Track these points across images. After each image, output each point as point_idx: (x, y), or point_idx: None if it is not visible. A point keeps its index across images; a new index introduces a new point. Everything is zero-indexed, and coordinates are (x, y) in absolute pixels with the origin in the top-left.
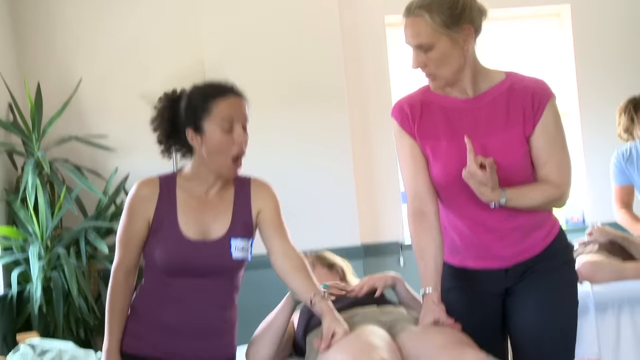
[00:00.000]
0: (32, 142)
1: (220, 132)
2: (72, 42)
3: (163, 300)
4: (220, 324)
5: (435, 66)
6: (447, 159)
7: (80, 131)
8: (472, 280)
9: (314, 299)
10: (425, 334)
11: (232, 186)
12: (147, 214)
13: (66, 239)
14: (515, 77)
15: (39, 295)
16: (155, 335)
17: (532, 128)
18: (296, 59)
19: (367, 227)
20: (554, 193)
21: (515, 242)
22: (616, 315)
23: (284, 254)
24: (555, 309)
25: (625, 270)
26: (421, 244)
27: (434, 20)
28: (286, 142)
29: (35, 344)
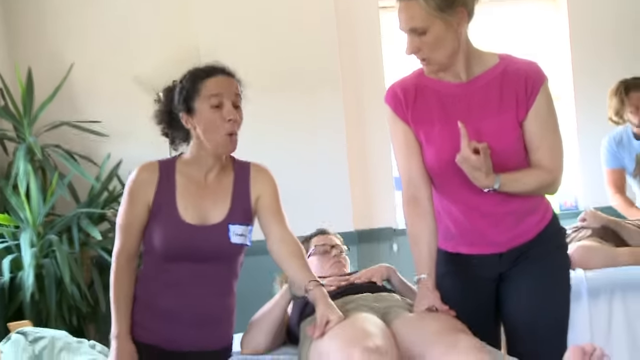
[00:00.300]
0: (23, 127)
1: (210, 110)
2: (63, 26)
3: (162, 286)
4: (218, 311)
5: (429, 50)
6: (440, 143)
7: (72, 116)
8: (466, 266)
9: (309, 286)
10: (420, 321)
11: (232, 171)
12: (147, 198)
13: (58, 226)
14: (509, 60)
15: (31, 282)
16: (154, 321)
17: (526, 112)
18: (291, 43)
19: (361, 212)
20: (547, 178)
21: (509, 228)
22: (608, 301)
23: (281, 239)
24: (549, 294)
25: (617, 255)
26: (415, 230)
27: (428, 4)
28: (280, 127)
29: (27, 332)
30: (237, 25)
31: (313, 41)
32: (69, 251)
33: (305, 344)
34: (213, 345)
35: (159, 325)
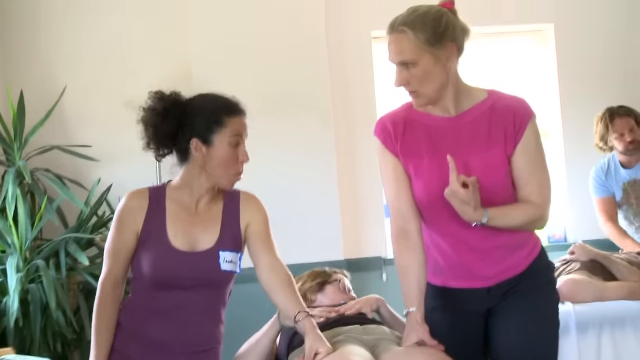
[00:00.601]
0: (13, 151)
1: (229, 147)
2: (56, 49)
3: (150, 314)
4: (207, 340)
5: (417, 83)
6: (429, 177)
7: (63, 140)
8: (454, 300)
9: (298, 317)
10: (408, 355)
11: (222, 198)
12: (136, 225)
13: (46, 251)
14: (497, 96)
15: (16, 308)
16: (139, 351)
17: (513, 148)
18: (282, 70)
19: (351, 241)
20: (535, 213)
21: (497, 262)
22: (597, 336)
23: (270, 267)
24: (537, 330)
25: (606, 290)
26: (404, 262)
27: (418, 37)
28: (270, 155)
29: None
30: (229, 51)
31: (305, 70)
32: (56, 276)
33: None
34: None
35: (145, 355)
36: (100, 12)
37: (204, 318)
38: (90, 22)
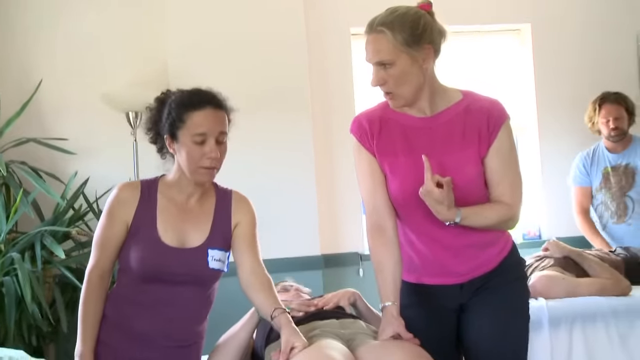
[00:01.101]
0: None
1: (193, 145)
2: (32, 42)
3: (137, 308)
4: (191, 336)
5: (394, 84)
6: (404, 175)
7: (39, 133)
8: (428, 296)
9: (274, 313)
10: (384, 349)
11: (214, 196)
12: (127, 217)
13: (21, 244)
14: (472, 97)
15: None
16: (123, 342)
17: (487, 149)
18: (261, 67)
19: (328, 237)
20: (507, 213)
21: (469, 259)
22: (569, 331)
23: (252, 270)
24: (508, 324)
25: (578, 286)
26: (380, 258)
27: (396, 38)
28: (248, 152)
29: None
30: (207, 47)
31: (284, 67)
32: (31, 269)
33: None
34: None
35: (128, 346)
36: (78, 5)
37: (189, 314)
38: (68, 16)
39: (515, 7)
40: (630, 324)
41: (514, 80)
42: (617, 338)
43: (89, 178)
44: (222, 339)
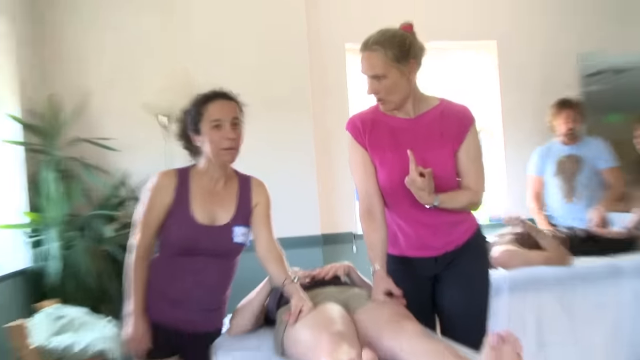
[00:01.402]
0: (50, 143)
1: (212, 130)
2: (84, 61)
3: (172, 275)
4: (218, 298)
5: (386, 93)
6: (391, 167)
7: (90, 134)
8: (410, 267)
9: (285, 282)
10: (375, 309)
11: (237, 182)
12: (166, 200)
13: (77, 225)
14: (447, 103)
15: (56, 270)
16: (163, 305)
17: (459, 146)
18: (270, 75)
19: (326, 220)
20: (474, 198)
21: (444, 235)
22: (523, 295)
23: (267, 245)
24: (473, 291)
25: (532, 258)
26: (370, 237)
27: (387, 55)
28: (261, 147)
29: (53, 311)
30: (225, 61)
31: (290, 77)
32: (86, 245)
33: (281, 327)
34: (208, 327)
35: (166, 308)
36: (120, 28)
37: (215, 283)
38: (112, 37)
39: (484, 26)
40: (570, 289)
41: (483, 89)
42: (560, 300)
43: (130, 170)
44: (241, 303)
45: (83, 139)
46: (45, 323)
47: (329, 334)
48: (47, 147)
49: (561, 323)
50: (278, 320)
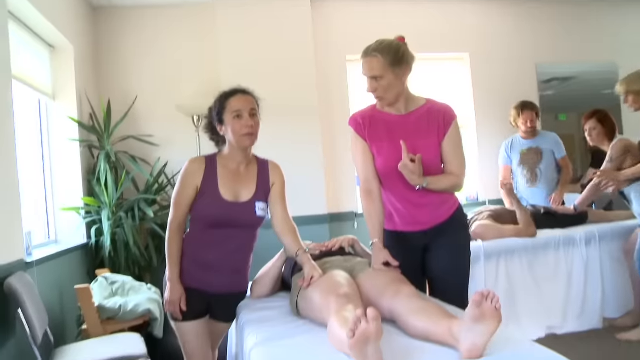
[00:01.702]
0: (104, 139)
1: (233, 120)
2: (131, 72)
3: (204, 245)
4: (242, 264)
5: (382, 91)
6: (387, 156)
7: (135, 132)
8: (403, 240)
9: (298, 252)
10: (376, 275)
11: (256, 165)
12: (196, 182)
13: (125, 207)
14: (432, 102)
15: (109, 244)
16: (197, 271)
17: (443, 137)
18: (283, 85)
19: (332, 200)
20: (456, 181)
21: (431, 212)
22: (496, 262)
23: (282, 219)
24: (457, 258)
25: (504, 231)
26: (369, 211)
27: (385, 60)
28: (278, 144)
29: (108, 277)
30: (246, 69)
31: (299, 84)
32: (133, 224)
33: (295, 291)
34: (236, 289)
35: (200, 273)
36: (161, 47)
37: (241, 248)
38: (154, 54)
39: (459, 40)
40: (535, 256)
41: (459, 92)
42: (526, 265)
43: (168, 162)
44: (260, 272)
45: (130, 136)
46: (102, 287)
47: (337, 296)
48: (101, 143)
49: (527, 283)
50: (293, 285)
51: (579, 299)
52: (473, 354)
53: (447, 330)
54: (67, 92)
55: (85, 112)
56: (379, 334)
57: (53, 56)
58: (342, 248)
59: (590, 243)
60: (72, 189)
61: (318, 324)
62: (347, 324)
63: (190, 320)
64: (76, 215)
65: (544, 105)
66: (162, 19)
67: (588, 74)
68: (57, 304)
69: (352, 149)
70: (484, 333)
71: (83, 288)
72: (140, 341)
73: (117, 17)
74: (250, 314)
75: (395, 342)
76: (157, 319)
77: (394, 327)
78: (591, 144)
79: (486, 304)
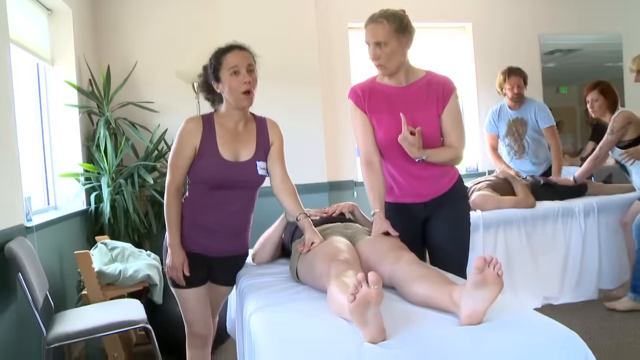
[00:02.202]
0: (103, 105)
1: (230, 76)
2: (131, 37)
3: (205, 207)
4: (243, 225)
5: (385, 59)
6: (387, 127)
7: (135, 98)
8: (404, 211)
9: (299, 217)
10: (376, 241)
11: (254, 123)
12: (195, 142)
13: (125, 173)
14: (432, 74)
15: (108, 211)
16: (198, 234)
17: (442, 109)
18: (286, 51)
19: (332, 169)
20: (455, 153)
21: (431, 184)
22: (495, 232)
23: (282, 179)
24: (457, 228)
25: (502, 202)
26: (370, 182)
27: (390, 26)
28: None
29: (107, 243)
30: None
31: (302, 52)
32: (132, 191)
33: (295, 256)
34: (238, 250)
35: (201, 237)
36: (162, 12)
37: (242, 209)
38: (155, 19)
39: (461, 10)
40: (533, 226)
41: (461, 62)
42: (524, 235)
43: (167, 129)
44: (261, 238)
45: (130, 102)
46: (102, 253)
47: (337, 261)
48: (101, 109)
49: (525, 254)
50: (293, 250)
51: (576, 270)
52: (472, 319)
53: (448, 296)
54: (66, 57)
55: (85, 77)
56: (380, 297)
57: (51, 20)
58: (342, 214)
59: (589, 215)
60: (71, 155)
61: (318, 289)
62: (346, 289)
63: (191, 287)
64: (75, 181)
65: (546, 77)
66: None
67: (592, 46)
68: (56, 269)
69: (352, 121)
70: (484, 299)
71: (83, 253)
72: (140, 307)
73: None
74: (250, 279)
75: (394, 308)
76: (156, 285)
77: (394, 293)
78: (593, 116)
79: (488, 270)
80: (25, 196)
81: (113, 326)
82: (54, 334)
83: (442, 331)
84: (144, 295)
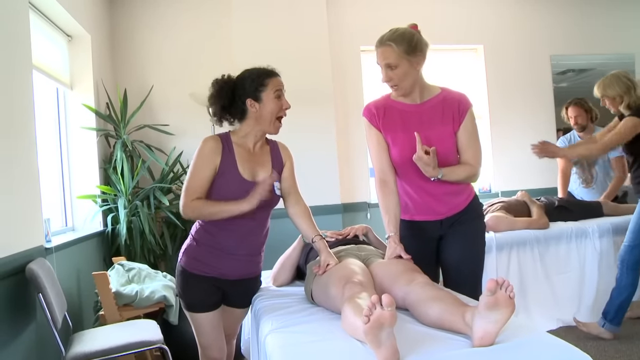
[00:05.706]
0: (120, 128)
1: (274, 99)
2: (147, 62)
3: (223, 229)
4: (258, 246)
5: (398, 80)
6: (402, 146)
7: (151, 121)
8: (418, 229)
9: (315, 239)
10: (389, 264)
11: (268, 144)
12: (216, 161)
13: (141, 195)
14: (447, 91)
15: (124, 232)
16: (211, 258)
17: (458, 127)
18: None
19: (345, 191)
20: (472, 171)
21: (447, 202)
22: (508, 253)
23: (296, 201)
24: (471, 249)
25: (515, 223)
26: (385, 203)
27: (399, 49)
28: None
29: (124, 264)
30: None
31: (316, 74)
32: (148, 212)
33: (310, 278)
34: (254, 272)
35: (218, 261)
36: (176, 37)
37: (259, 230)
38: (170, 44)
39: (473, 32)
40: (546, 247)
41: (474, 83)
42: (537, 256)
43: (183, 151)
44: (281, 259)
45: (146, 125)
46: (119, 274)
47: (351, 283)
48: (118, 132)
49: (538, 274)
50: (308, 272)
51: (592, 291)
52: (484, 341)
53: (461, 317)
54: (84, 82)
55: (102, 101)
56: (394, 319)
57: (71, 46)
58: (356, 236)
59: (604, 236)
60: (88, 177)
61: (332, 310)
62: (361, 310)
63: (205, 312)
64: (92, 203)
65: (558, 97)
66: (178, 7)
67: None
68: (74, 290)
69: (367, 139)
70: (496, 321)
71: (101, 274)
72: (156, 327)
73: (133, 6)
74: (265, 300)
75: (408, 330)
76: (172, 305)
77: (407, 314)
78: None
79: (500, 292)
80: (45, 218)
81: (130, 346)
82: (72, 354)
83: (455, 353)
84: (159, 315)
